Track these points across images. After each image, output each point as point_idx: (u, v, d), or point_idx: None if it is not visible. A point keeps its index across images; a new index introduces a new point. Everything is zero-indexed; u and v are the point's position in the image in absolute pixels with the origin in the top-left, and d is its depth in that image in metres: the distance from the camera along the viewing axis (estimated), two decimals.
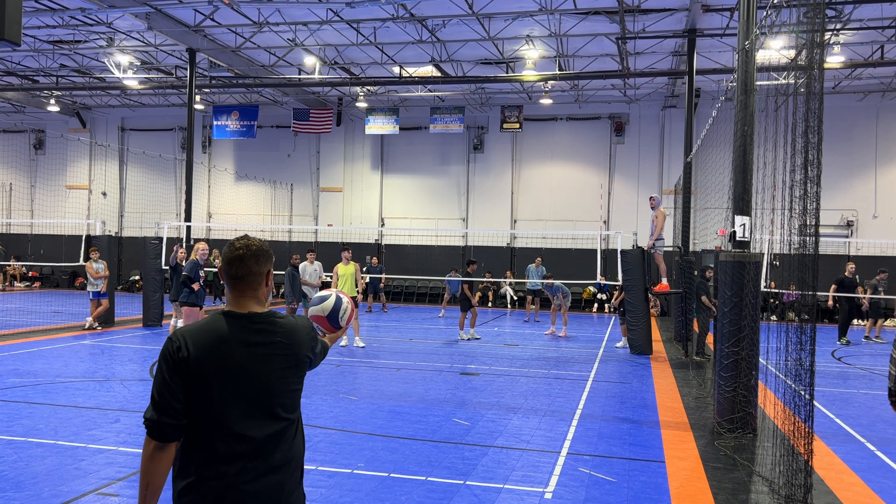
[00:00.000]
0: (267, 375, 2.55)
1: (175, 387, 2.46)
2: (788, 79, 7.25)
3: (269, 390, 2.55)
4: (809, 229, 5.69)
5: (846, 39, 18.96)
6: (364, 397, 9.57)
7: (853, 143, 23.87)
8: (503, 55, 21.44)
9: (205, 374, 2.47)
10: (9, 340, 13.90)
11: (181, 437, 2.50)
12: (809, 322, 5.71)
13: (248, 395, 2.51)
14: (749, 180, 8.35)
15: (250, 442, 2.48)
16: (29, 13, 17.86)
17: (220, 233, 29.38)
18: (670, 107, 25.33)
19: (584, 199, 26.37)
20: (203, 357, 2.48)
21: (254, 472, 2.47)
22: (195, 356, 2.48)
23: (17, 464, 6.33)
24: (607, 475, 6.46)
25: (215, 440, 2.46)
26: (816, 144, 5.64)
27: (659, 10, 17.43)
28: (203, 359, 2.48)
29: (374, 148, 28.30)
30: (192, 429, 2.49)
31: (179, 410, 2.46)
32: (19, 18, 4.48)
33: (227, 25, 19.50)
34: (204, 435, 2.48)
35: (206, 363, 2.48)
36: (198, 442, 2.48)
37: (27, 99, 27.90)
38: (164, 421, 2.44)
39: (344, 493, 5.81)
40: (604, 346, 15.63)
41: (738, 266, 8.03)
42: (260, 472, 2.48)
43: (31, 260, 29.36)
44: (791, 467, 5.84)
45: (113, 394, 9.37)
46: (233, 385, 2.50)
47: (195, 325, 2.57)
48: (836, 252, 23.20)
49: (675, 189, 20.39)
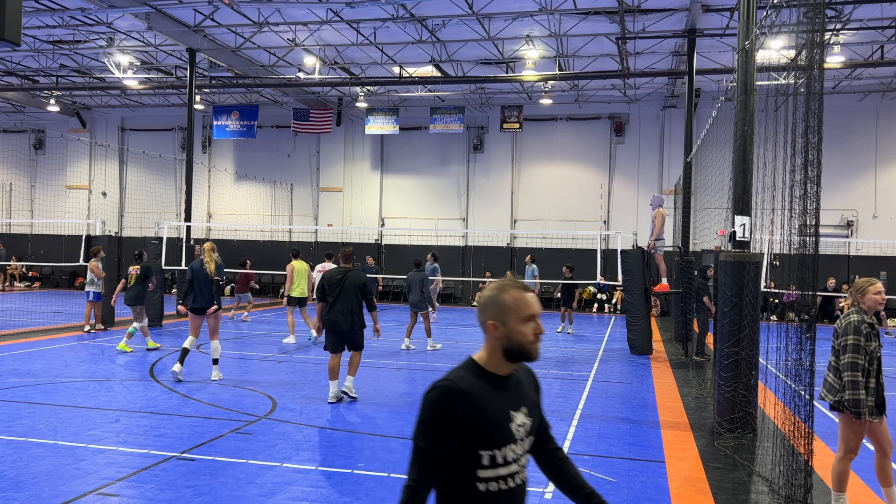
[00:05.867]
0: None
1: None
2: (788, 79, 7.25)
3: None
4: (809, 229, 5.69)
5: (846, 39, 18.95)
6: (364, 397, 9.57)
7: (853, 143, 23.87)
8: (503, 55, 21.44)
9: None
10: (9, 340, 13.90)
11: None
12: (809, 322, 5.71)
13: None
14: (749, 180, 8.35)
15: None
16: (29, 13, 17.86)
17: (219, 233, 29.38)
18: (670, 107, 25.33)
19: (584, 199, 26.36)
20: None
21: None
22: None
23: (17, 464, 6.33)
24: (607, 475, 6.46)
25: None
26: (816, 144, 5.64)
27: (659, 10, 17.42)
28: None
29: (374, 148, 28.30)
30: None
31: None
32: (19, 18, 4.47)
33: (227, 25, 19.50)
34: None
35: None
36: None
37: (27, 99, 27.90)
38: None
39: (344, 493, 5.81)
40: (604, 346, 15.63)
41: (738, 266, 8.03)
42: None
43: (31, 260, 29.36)
44: (791, 467, 5.84)
45: (113, 394, 9.37)
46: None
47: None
48: (836, 252, 23.21)
49: (675, 189, 20.39)
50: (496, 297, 2.37)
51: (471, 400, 2.26)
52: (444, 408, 2.23)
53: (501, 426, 2.31)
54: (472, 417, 2.25)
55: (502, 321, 2.35)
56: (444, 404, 2.24)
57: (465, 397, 2.25)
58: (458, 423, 2.23)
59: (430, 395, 2.27)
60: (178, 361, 10.30)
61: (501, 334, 2.35)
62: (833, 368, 5.38)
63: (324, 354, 13.36)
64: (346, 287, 8.93)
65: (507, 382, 2.41)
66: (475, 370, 2.37)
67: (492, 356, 2.38)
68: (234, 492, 5.76)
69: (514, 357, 2.38)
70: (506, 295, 2.36)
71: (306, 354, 13.33)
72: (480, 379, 2.34)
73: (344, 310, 8.90)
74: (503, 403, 2.34)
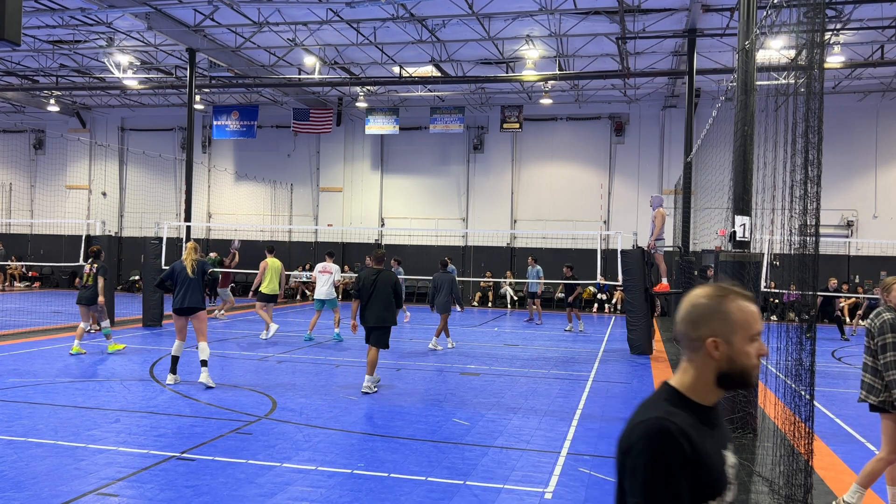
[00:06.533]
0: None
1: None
2: (788, 79, 7.25)
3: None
4: (809, 229, 5.69)
5: (846, 39, 18.95)
6: (364, 397, 9.57)
7: (853, 143, 23.86)
8: (503, 55, 21.44)
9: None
10: (9, 340, 13.90)
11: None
12: (809, 322, 5.71)
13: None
14: (749, 180, 8.35)
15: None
16: (29, 13, 17.85)
17: (219, 233, 29.38)
18: (670, 107, 25.33)
19: (584, 199, 26.36)
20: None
21: None
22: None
23: (17, 464, 6.32)
24: (607, 475, 6.46)
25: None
26: (816, 144, 5.63)
27: (659, 10, 17.42)
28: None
29: (374, 148, 28.29)
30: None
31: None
32: (19, 18, 4.48)
33: (227, 25, 19.50)
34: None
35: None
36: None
37: (27, 99, 27.90)
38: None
39: (344, 493, 5.81)
40: (604, 346, 15.63)
41: (738, 266, 8.03)
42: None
43: (31, 260, 29.35)
44: (791, 467, 5.84)
45: (113, 394, 9.37)
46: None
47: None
48: (836, 252, 23.21)
49: (675, 189, 20.39)
50: (719, 306, 1.88)
51: (690, 441, 1.78)
52: (666, 455, 1.75)
53: (719, 470, 1.85)
54: (693, 464, 1.77)
55: (727, 339, 1.87)
56: (665, 450, 1.75)
57: (686, 438, 1.77)
58: (683, 472, 1.76)
59: (639, 441, 1.78)
60: (170, 372, 10.10)
61: (723, 355, 1.87)
62: (871, 369, 5.26)
63: (324, 355, 13.40)
64: (380, 286, 9.80)
65: (716, 415, 1.94)
66: (681, 401, 1.88)
67: (699, 382, 1.90)
68: (234, 492, 5.76)
69: (731, 384, 1.90)
70: (731, 305, 1.88)
71: (306, 354, 13.34)
72: (690, 412, 1.86)
73: (378, 307, 9.76)
74: (716, 441, 1.87)
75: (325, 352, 13.75)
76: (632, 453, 1.78)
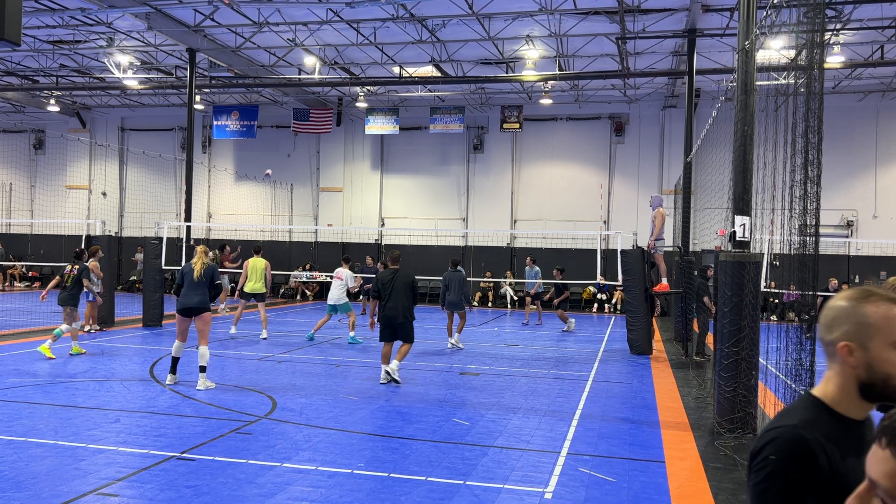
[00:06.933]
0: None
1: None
2: (788, 79, 7.25)
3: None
4: (809, 229, 5.69)
5: (846, 39, 18.95)
6: (364, 397, 9.57)
7: (853, 143, 23.86)
8: (503, 55, 21.44)
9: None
10: (9, 340, 13.90)
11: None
12: (809, 322, 5.72)
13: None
14: (749, 180, 8.35)
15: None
16: (29, 13, 17.85)
17: (219, 233, 29.38)
18: (670, 107, 25.33)
19: (584, 199, 26.36)
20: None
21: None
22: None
23: (17, 464, 6.32)
24: (607, 475, 6.46)
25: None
26: (816, 144, 5.64)
27: (659, 10, 17.42)
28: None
29: (374, 148, 28.29)
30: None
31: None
32: (19, 18, 4.48)
33: (227, 25, 19.50)
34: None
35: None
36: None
37: (27, 99, 27.90)
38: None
39: (344, 493, 5.81)
40: (604, 346, 15.63)
41: (738, 266, 8.03)
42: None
43: (31, 260, 29.36)
44: None
45: (113, 394, 9.37)
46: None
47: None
48: (836, 252, 23.20)
49: (675, 189, 20.39)
50: (855, 309, 1.74)
51: (828, 456, 1.65)
52: (792, 467, 1.62)
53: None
54: (828, 481, 1.63)
55: (861, 344, 1.72)
56: (793, 462, 1.62)
57: (823, 452, 1.64)
58: (810, 488, 1.62)
59: (768, 451, 1.66)
60: (169, 372, 10.06)
61: (859, 361, 1.72)
62: None
63: (324, 355, 13.41)
64: (397, 285, 10.42)
65: (865, 430, 1.76)
66: (822, 411, 1.74)
67: (843, 392, 1.76)
68: (234, 492, 5.76)
69: (874, 395, 1.74)
70: (870, 307, 1.73)
71: (306, 354, 13.34)
72: (832, 425, 1.71)
73: (396, 305, 10.36)
74: (861, 461, 1.60)
75: (325, 352, 13.76)
76: (757, 459, 1.70)
